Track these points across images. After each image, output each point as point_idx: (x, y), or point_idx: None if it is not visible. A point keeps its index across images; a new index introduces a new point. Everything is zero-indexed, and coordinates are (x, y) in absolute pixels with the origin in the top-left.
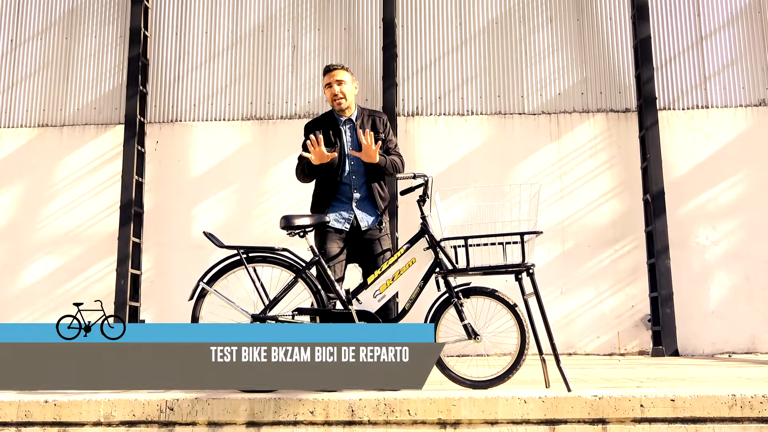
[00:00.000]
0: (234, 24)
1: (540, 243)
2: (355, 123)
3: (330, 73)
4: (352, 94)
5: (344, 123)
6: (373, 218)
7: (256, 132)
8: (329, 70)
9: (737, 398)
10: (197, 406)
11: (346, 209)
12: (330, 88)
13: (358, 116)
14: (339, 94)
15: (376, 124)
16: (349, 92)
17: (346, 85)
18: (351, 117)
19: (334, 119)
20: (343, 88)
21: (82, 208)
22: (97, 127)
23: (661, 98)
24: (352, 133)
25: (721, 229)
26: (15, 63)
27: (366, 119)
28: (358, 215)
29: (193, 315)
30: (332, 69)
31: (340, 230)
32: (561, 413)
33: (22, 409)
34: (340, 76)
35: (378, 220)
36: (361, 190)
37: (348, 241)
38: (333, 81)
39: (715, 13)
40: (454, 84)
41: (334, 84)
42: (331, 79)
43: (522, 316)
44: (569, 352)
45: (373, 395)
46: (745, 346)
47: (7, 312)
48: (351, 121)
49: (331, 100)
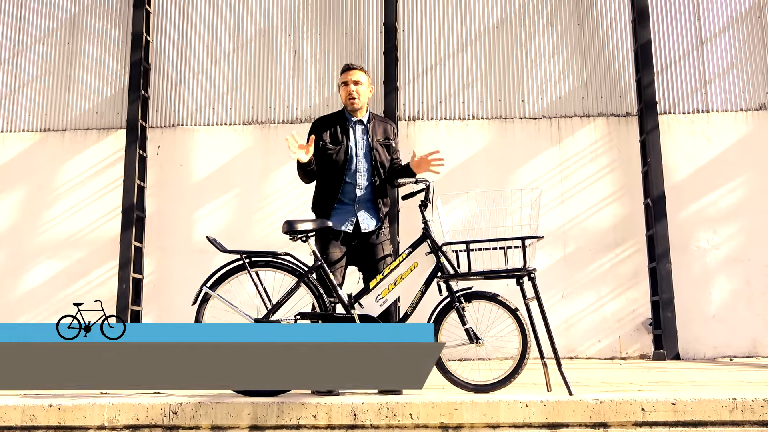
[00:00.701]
0: (235, 29)
1: (541, 247)
2: (367, 126)
3: (348, 72)
4: (366, 96)
5: (355, 123)
6: (374, 221)
7: (257, 136)
8: (347, 69)
9: (738, 402)
10: (200, 410)
11: (348, 210)
12: (346, 87)
13: (370, 120)
14: (354, 94)
15: (387, 132)
16: (363, 93)
17: (362, 86)
18: (362, 119)
19: (344, 118)
20: (359, 88)
21: (83, 212)
22: (99, 132)
23: (662, 102)
24: (363, 135)
25: (722, 233)
26: (17, 68)
27: (377, 124)
28: (360, 217)
29: (197, 319)
30: (351, 68)
31: (341, 233)
32: (562, 417)
33: (27, 413)
34: (357, 77)
35: (379, 224)
36: (365, 191)
37: (348, 245)
38: (350, 80)
39: (715, 17)
40: (455, 88)
41: (351, 83)
42: (347, 77)
43: (523, 320)
44: (571, 356)
45: (375, 399)
46: (746, 349)
47: (9, 316)
48: (362, 122)
49: (345, 98)
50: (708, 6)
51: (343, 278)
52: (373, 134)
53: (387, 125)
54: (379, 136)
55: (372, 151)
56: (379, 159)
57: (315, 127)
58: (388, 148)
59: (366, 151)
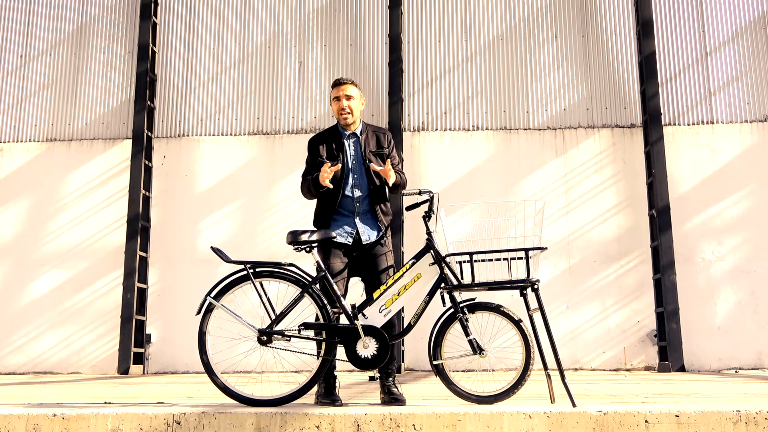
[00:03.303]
0: (241, 40)
1: (545, 258)
2: (360, 138)
3: (339, 87)
4: (358, 110)
5: (348, 137)
6: (375, 232)
7: (262, 147)
8: (338, 84)
9: (742, 414)
10: (204, 420)
11: (349, 223)
12: (338, 102)
13: (363, 131)
14: (346, 109)
15: (380, 141)
16: (355, 107)
17: (354, 100)
18: (355, 131)
19: (338, 133)
20: (351, 103)
21: (89, 222)
22: (104, 142)
23: (667, 114)
24: (356, 148)
25: (727, 245)
26: (24, 79)
27: (370, 135)
28: (360, 228)
29: (201, 329)
30: (341, 83)
31: (343, 245)
32: (566, 428)
33: (31, 422)
34: (348, 91)
35: (380, 234)
36: (363, 203)
37: (351, 256)
38: (341, 95)
39: (719, 29)
40: (460, 99)
41: (342, 98)
42: (339, 92)
43: (527, 331)
44: (575, 368)
45: (378, 410)
46: (751, 361)
47: (15, 325)
48: (355, 135)
49: (338, 113)
50: (712, 17)
51: (346, 289)
52: (365, 145)
53: (380, 134)
54: (372, 147)
55: (365, 162)
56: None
57: (311, 145)
58: (382, 157)
59: (360, 163)
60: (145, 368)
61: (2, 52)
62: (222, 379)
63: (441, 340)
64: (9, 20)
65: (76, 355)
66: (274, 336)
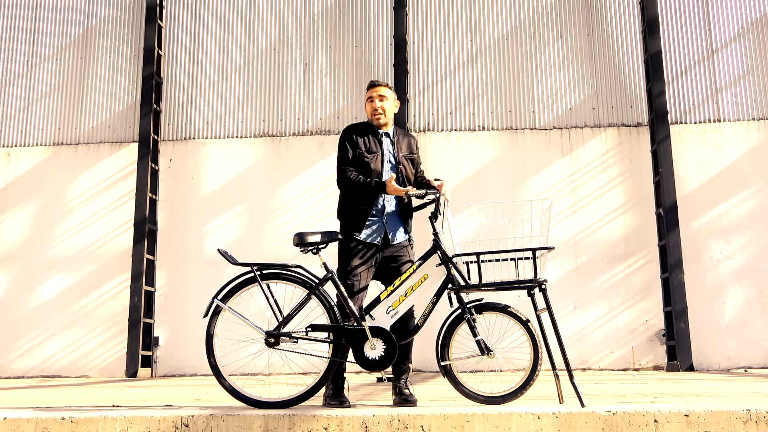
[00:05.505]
0: (246, 42)
1: (553, 258)
2: (393, 139)
3: (373, 88)
4: (391, 111)
5: (382, 135)
6: (403, 233)
7: (268, 149)
8: (373, 86)
9: (752, 413)
10: (212, 422)
11: (377, 221)
12: (371, 103)
13: (395, 134)
14: (379, 110)
15: (411, 146)
16: (389, 109)
17: (387, 102)
18: (388, 132)
19: (373, 129)
20: (384, 104)
21: (96, 226)
22: (111, 145)
23: (673, 112)
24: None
25: (735, 243)
26: (31, 83)
27: (401, 138)
28: (388, 228)
29: (208, 332)
30: (376, 84)
31: (370, 245)
32: (574, 429)
33: (40, 426)
34: (382, 92)
35: (408, 236)
36: (391, 203)
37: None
38: (375, 96)
39: (725, 27)
40: (465, 99)
41: (376, 99)
42: (373, 93)
43: (535, 331)
44: (583, 368)
45: (387, 411)
46: (761, 360)
47: (23, 329)
48: (389, 135)
49: (371, 114)
50: (718, 15)
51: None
52: (398, 148)
53: (410, 139)
54: (404, 150)
55: (398, 165)
56: (405, 173)
57: (348, 134)
58: (413, 161)
59: (394, 164)
60: (153, 371)
61: (9, 57)
62: (230, 382)
63: (449, 341)
64: (15, 26)
65: (84, 359)
66: (281, 338)
